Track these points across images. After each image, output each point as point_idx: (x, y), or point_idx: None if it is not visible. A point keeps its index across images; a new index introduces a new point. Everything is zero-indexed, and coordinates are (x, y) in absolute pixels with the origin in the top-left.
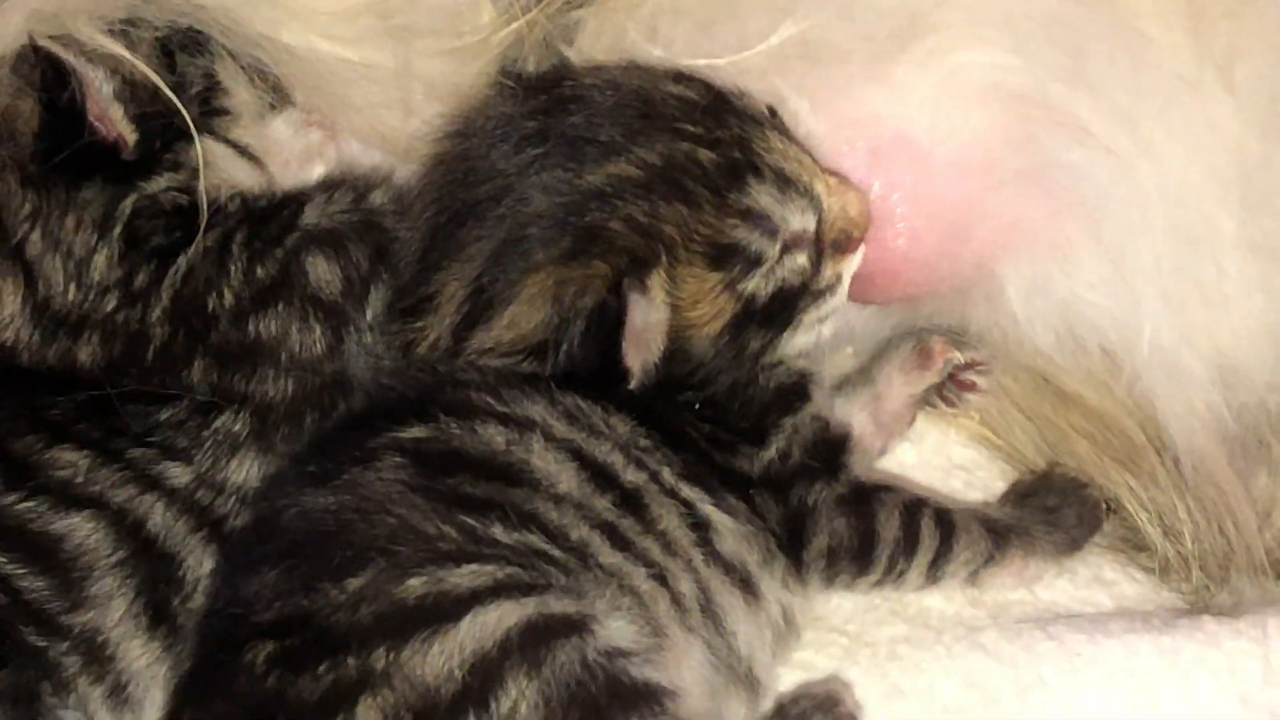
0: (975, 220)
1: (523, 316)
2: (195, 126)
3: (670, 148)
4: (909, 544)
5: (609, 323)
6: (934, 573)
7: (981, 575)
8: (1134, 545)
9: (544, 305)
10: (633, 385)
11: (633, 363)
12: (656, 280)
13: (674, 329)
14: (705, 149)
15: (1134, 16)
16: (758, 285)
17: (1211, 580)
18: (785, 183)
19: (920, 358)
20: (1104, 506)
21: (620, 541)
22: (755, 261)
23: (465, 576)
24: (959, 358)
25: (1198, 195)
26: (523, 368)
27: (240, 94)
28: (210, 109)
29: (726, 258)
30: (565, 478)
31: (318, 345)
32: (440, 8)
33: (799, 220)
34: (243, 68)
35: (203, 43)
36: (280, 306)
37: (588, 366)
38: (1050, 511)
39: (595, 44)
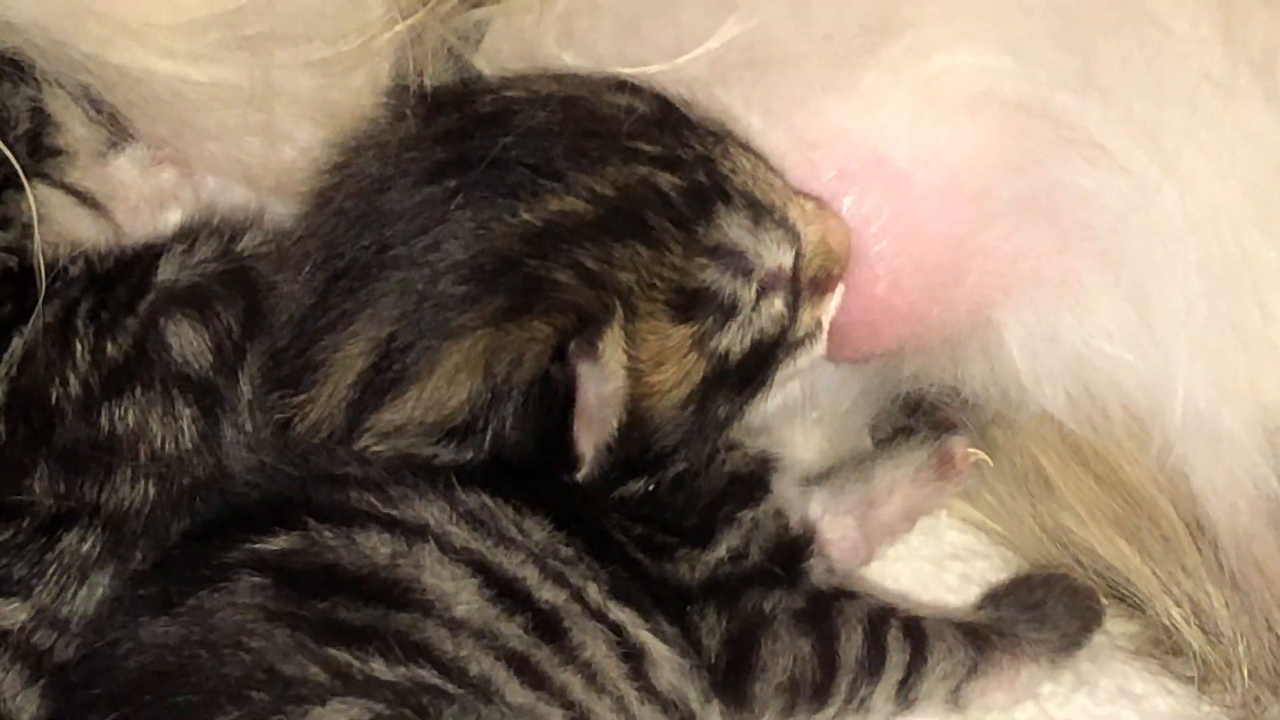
0: (967, 258)
1: (443, 392)
2: (25, 171)
3: (625, 174)
4: (874, 664)
5: (552, 397)
6: (905, 694)
7: (964, 691)
8: (1167, 649)
9: (471, 378)
10: (582, 474)
11: (585, 446)
12: (611, 341)
13: (631, 399)
14: (666, 172)
15: (1152, 6)
16: (732, 339)
17: (1262, 689)
18: (758, 210)
19: (940, 465)
20: (1100, 599)
21: (533, 677)
22: (729, 310)
23: (334, 713)
24: (988, 460)
25: (1234, 222)
26: (437, 456)
27: (75, 129)
28: (41, 149)
29: (695, 306)
30: (465, 598)
31: (186, 435)
32: (304, 11)
33: (775, 256)
34: (75, 98)
35: (25, 69)
36: (138, 391)
37: (523, 451)
38: (1034, 608)
39: (496, 53)
